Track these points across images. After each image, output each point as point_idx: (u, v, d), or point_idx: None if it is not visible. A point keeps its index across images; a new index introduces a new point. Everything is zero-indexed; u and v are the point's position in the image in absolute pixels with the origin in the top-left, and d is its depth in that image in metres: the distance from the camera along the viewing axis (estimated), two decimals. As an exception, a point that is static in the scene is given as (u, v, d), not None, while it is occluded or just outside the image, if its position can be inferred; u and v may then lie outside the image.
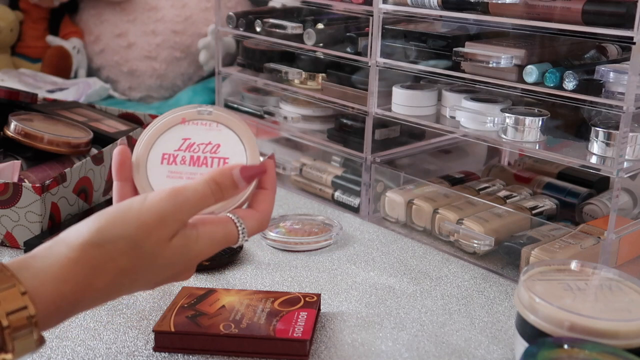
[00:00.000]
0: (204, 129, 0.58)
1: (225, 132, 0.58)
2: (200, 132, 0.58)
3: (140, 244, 0.49)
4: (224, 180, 0.53)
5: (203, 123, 0.59)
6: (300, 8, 1.06)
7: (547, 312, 0.56)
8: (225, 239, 0.54)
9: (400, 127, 1.00)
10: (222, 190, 0.53)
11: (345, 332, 0.67)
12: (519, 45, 0.79)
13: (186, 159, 0.58)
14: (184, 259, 0.52)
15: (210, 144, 0.58)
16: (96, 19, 1.52)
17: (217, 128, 0.58)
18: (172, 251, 0.51)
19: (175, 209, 0.51)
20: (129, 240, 0.49)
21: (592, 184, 0.93)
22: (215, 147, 0.58)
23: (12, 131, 0.89)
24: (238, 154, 0.58)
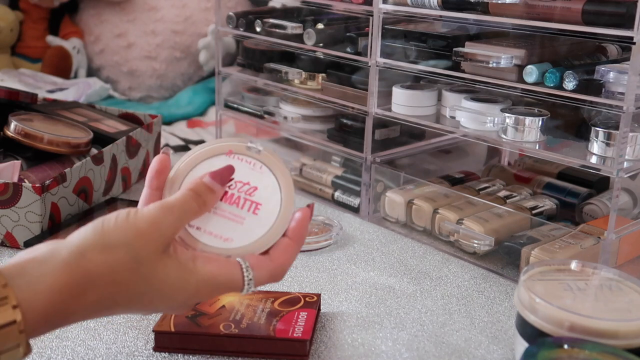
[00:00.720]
0: (247, 167, 0.56)
1: (267, 176, 0.56)
2: (242, 169, 0.56)
3: (138, 255, 0.48)
4: (201, 188, 0.53)
5: (248, 161, 0.57)
6: (300, 8, 1.06)
7: (547, 312, 0.56)
8: (227, 284, 0.52)
9: (400, 127, 1.00)
10: (202, 197, 0.53)
11: (345, 332, 0.67)
12: (519, 45, 0.79)
13: (225, 195, 0.56)
14: (181, 287, 0.50)
15: (249, 184, 0.56)
16: (96, 19, 1.52)
17: (260, 170, 0.56)
18: (169, 272, 0.50)
19: (165, 215, 0.50)
20: (129, 249, 0.48)
21: (592, 184, 0.93)
22: (252, 189, 0.56)
23: (12, 131, 0.89)
24: (273, 202, 0.56)
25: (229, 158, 0.57)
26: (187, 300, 0.51)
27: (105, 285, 0.47)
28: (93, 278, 0.47)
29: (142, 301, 0.49)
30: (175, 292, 0.50)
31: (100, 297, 0.47)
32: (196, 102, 1.44)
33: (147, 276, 0.49)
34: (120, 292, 0.48)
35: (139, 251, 0.48)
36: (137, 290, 0.49)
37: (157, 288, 0.49)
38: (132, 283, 0.48)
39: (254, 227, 0.55)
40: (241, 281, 0.52)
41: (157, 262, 0.49)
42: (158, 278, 0.49)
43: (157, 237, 0.49)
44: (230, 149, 0.57)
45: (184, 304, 0.52)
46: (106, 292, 0.48)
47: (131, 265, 0.48)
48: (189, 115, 1.40)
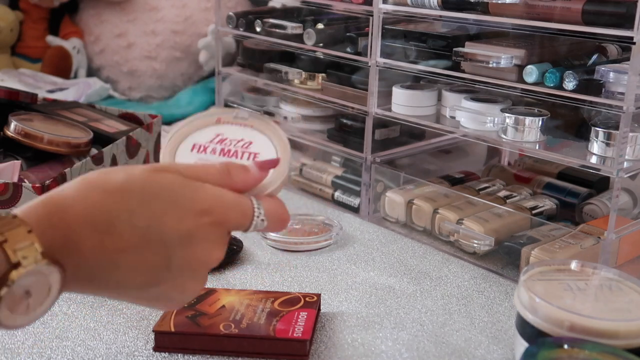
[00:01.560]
0: (239, 128, 0.57)
1: (258, 134, 0.57)
2: (234, 130, 0.57)
3: (129, 168, 0.47)
4: (233, 162, 0.52)
5: (238, 123, 0.58)
6: (300, 8, 1.06)
7: (547, 312, 0.56)
8: (239, 204, 0.49)
9: (400, 127, 1.00)
10: (228, 168, 0.51)
11: (345, 332, 0.67)
12: (519, 45, 0.79)
13: (217, 150, 0.56)
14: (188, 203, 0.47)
15: (243, 140, 0.56)
16: (96, 19, 1.52)
17: (252, 129, 0.57)
18: (166, 181, 0.47)
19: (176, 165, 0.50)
20: (118, 171, 0.47)
21: (592, 184, 0.93)
22: (247, 143, 0.56)
23: (12, 131, 0.89)
24: (269, 150, 0.56)
25: (218, 125, 0.57)
26: (199, 218, 0.47)
27: (96, 191, 0.45)
28: (80, 187, 0.46)
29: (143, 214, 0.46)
30: (179, 202, 0.47)
31: (93, 204, 0.45)
32: (196, 102, 1.44)
33: (142, 185, 0.46)
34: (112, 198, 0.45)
35: (131, 168, 0.47)
36: (133, 200, 0.46)
37: (157, 197, 0.46)
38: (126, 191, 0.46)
39: None
40: (251, 206, 0.50)
41: (152, 174, 0.47)
42: (155, 187, 0.47)
43: (153, 164, 0.49)
44: (219, 117, 0.58)
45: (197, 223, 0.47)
46: (97, 198, 0.45)
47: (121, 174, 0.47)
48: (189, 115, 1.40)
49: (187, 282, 0.49)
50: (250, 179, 0.52)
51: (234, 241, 0.84)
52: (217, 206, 0.48)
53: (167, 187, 0.47)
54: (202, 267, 0.49)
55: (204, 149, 0.56)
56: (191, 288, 0.49)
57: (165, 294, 0.48)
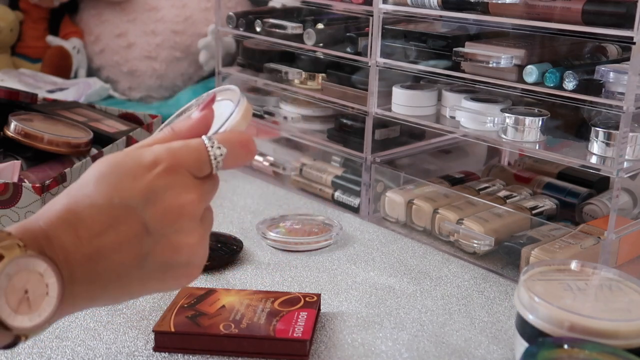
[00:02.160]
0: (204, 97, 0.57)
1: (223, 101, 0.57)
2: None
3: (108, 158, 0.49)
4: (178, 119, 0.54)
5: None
6: (300, 8, 1.06)
7: (547, 312, 0.56)
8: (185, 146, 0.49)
9: (400, 127, 1.00)
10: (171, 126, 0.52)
11: (345, 332, 0.67)
12: (519, 45, 0.79)
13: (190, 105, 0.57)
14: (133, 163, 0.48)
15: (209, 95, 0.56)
16: (96, 19, 1.52)
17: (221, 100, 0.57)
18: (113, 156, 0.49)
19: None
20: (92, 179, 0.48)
21: (592, 184, 0.93)
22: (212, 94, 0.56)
23: (12, 131, 0.89)
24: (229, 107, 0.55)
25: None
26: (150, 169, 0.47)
27: (70, 191, 0.48)
28: (59, 195, 0.48)
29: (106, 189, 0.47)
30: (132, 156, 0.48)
31: (65, 200, 0.47)
32: (196, 102, 1.44)
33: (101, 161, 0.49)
34: (84, 185, 0.48)
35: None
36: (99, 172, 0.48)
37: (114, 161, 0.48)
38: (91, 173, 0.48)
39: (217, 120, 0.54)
40: (201, 143, 0.49)
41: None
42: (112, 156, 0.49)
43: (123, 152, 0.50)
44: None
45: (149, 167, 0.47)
46: (71, 194, 0.47)
47: (91, 167, 0.49)
48: (189, 115, 1.40)
49: (174, 237, 0.48)
50: (193, 123, 0.51)
51: (234, 241, 0.84)
52: (164, 154, 0.48)
53: (113, 161, 0.48)
54: (178, 215, 0.47)
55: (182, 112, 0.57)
56: (183, 242, 0.48)
57: (165, 262, 0.48)
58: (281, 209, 0.98)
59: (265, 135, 1.14)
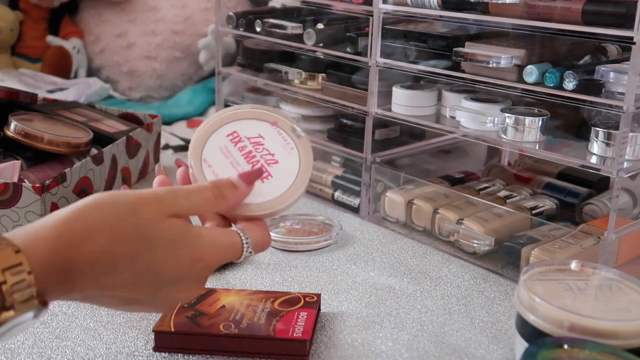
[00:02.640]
0: (281, 143, 0.59)
1: (293, 158, 0.58)
2: (275, 141, 0.59)
3: (138, 211, 0.48)
4: (222, 181, 0.55)
5: (285, 138, 0.59)
6: (300, 8, 1.06)
7: (547, 312, 0.56)
8: (230, 247, 0.53)
9: (400, 127, 1.00)
10: (220, 190, 0.54)
11: (345, 332, 0.67)
12: (519, 45, 0.79)
13: (245, 149, 0.58)
14: (187, 252, 0.50)
15: (273, 156, 0.58)
16: (96, 19, 1.52)
17: (290, 151, 0.58)
18: (172, 231, 0.49)
19: (170, 195, 0.51)
20: (128, 206, 0.48)
21: (592, 184, 0.93)
22: (273, 161, 0.58)
23: (12, 131, 0.89)
24: (283, 181, 0.57)
25: (271, 127, 0.59)
26: (194, 264, 0.50)
27: (104, 235, 0.46)
28: (91, 229, 0.46)
29: (146, 259, 0.48)
30: (180, 250, 0.49)
31: (100, 248, 0.46)
32: (196, 102, 1.44)
33: (149, 232, 0.48)
34: (120, 244, 0.47)
35: (139, 209, 0.48)
36: (139, 246, 0.48)
37: (162, 244, 0.49)
38: (133, 237, 0.47)
39: (256, 194, 0.56)
40: (240, 244, 0.53)
41: (160, 221, 0.49)
42: (161, 232, 0.49)
43: (160, 205, 0.49)
44: (277, 121, 0.59)
45: (190, 268, 0.50)
46: (105, 242, 0.46)
47: (131, 219, 0.48)
48: (189, 115, 1.40)
49: (162, 307, 0.53)
50: (240, 196, 0.55)
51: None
52: (210, 253, 0.52)
53: (170, 237, 0.49)
54: (181, 300, 0.53)
55: (238, 141, 0.58)
56: (161, 309, 0.55)
57: (137, 308, 0.52)
58: (281, 209, 0.98)
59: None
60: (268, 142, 0.58)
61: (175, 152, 1.20)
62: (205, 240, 0.51)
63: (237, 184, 0.55)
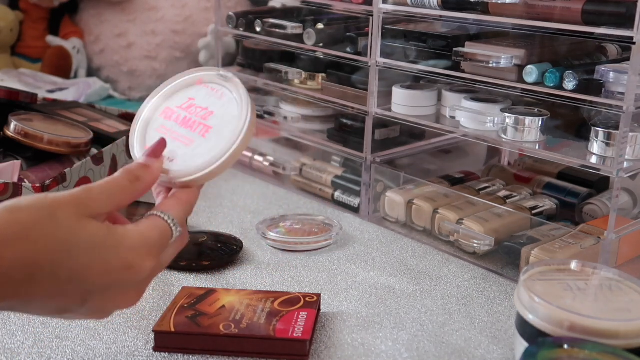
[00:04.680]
0: (210, 94, 0.58)
1: (229, 104, 0.57)
2: (204, 96, 0.58)
3: (54, 214, 0.45)
4: (132, 165, 0.53)
5: (213, 88, 0.58)
6: (300, 8, 1.06)
7: (547, 312, 0.56)
8: (159, 237, 0.51)
9: (400, 127, 1.00)
10: (133, 173, 0.52)
11: (345, 332, 0.67)
12: (519, 45, 0.79)
13: (180, 117, 0.58)
14: (114, 257, 0.47)
15: (206, 109, 0.57)
16: (96, 19, 1.52)
17: (222, 97, 0.57)
18: (92, 232, 0.46)
19: (86, 192, 0.48)
20: (44, 210, 0.45)
21: (592, 184, 0.93)
22: (208, 113, 0.57)
23: (12, 131, 0.89)
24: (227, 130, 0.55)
25: (198, 87, 0.58)
26: (123, 271, 0.48)
27: (20, 241, 0.43)
28: (4, 235, 0.43)
29: (69, 266, 0.45)
30: (104, 255, 0.47)
31: (16, 255, 0.43)
32: (196, 102, 1.44)
33: (68, 233, 0.45)
34: (38, 251, 0.44)
35: (55, 211, 0.45)
36: (59, 250, 0.45)
37: (84, 248, 0.46)
38: (51, 240, 0.44)
39: (199, 151, 0.55)
40: (168, 228, 0.52)
41: (78, 222, 0.46)
42: (82, 236, 0.46)
43: (76, 205, 0.47)
44: (201, 78, 0.58)
45: (125, 271, 0.48)
46: (22, 248, 0.43)
47: (47, 222, 0.45)
48: (189, 115, 1.40)
49: (96, 315, 0.51)
50: (155, 171, 0.54)
51: (234, 241, 0.84)
52: (140, 255, 0.49)
53: (91, 241, 0.47)
54: (114, 308, 0.52)
55: (170, 116, 0.58)
56: (96, 317, 0.52)
57: (68, 316, 0.50)
58: (281, 209, 0.98)
59: (265, 135, 1.14)
60: (199, 100, 0.58)
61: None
62: (130, 241, 0.49)
63: (147, 162, 0.53)
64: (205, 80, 0.58)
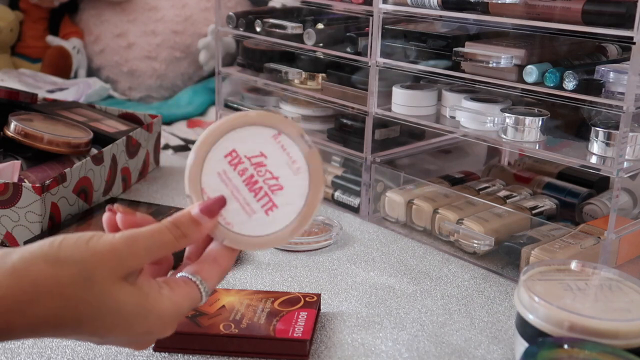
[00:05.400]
0: (285, 161, 0.52)
1: (301, 180, 0.52)
2: (279, 160, 0.52)
3: (90, 273, 0.45)
4: (182, 219, 0.50)
5: (290, 154, 0.52)
6: (300, 8, 1.06)
7: (547, 312, 0.56)
8: (190, 306, 0.50)
9: (400, 127, 1.00)
10: (181, 229, 0.49)
11: (345, 332, 0.67)
12: (519, 45, 0.79)
13: (245, 173, 0.52)
14: (138, 326, 0.47)
15: (277, 180, 0.52)
16: (96, 19, 1.52)
17: (297, 170, 0.52)
18: (125, 300, 0.46)
19: (128, 244, 0.47)
20: (82, 267, 0.45)
21: (592, 184, 0.93)
22: (278, 187, 0.52)
23: (12, 131, 0.89)
24: (289, 211, 0.52)
25: (273, 140, 0.51)
26: (143, 336, 0.48)
27: (52, 298, 0.44)
28: (39, 288, 0.43)
29: (94, 325, 0.46)
30: (130, 321, 0.47)
31: (46, 311, 0.44)
32: (196, 102, 1.44)
33: (100, 298, 0.45)
34: (68, 309, 0.44)
35: (92, 270, 0.45)
36: (88, 312, 0.45)
37: (112, 313, 0.46)
38: (82, 302, 0.45)
39: (257, 224, 0.52)
40: (198, 295, 0.50)
41: (113, 285, 0.46)
42: (113, 302, 0.46)
43: (115, 263, 0.46)
44: (280, 132, 0.51)
45: (144, 335, 0.49)
46: (53, 305, 0.44)
47: (82, 283, 0.45)
48: (189, 115, 1.40)
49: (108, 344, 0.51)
50: (204, 230, 0.51)
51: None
52: (162, 327, 0.49)
53: (121, 308, 0.46)
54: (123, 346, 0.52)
55: (237, 163, 0.52)
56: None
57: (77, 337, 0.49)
58: (281, 209, 0.97)
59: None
60: (271, 162, 0.51)
61: (175, 152, 1.20)
62: (160, 312, 0.48)
63: (199, 219, 0.50)
64: (285, 136, 0.51)
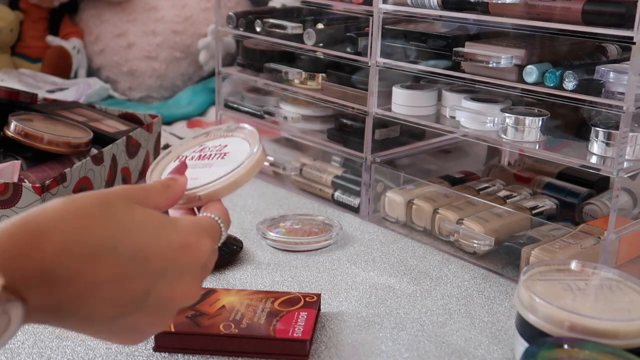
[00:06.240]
0: (219, 140, 0.62)
1: (238, 140, 0.61)
2: (216, 140, 0.62)
3: (109, 198, 0.45)
4: (163, 180, 0.55)
5: (222, 134, 0.63)
6: (300, 8, 1.06)
7: (547, 312, 0.56)
8: (211, 228, 0.52)
9: (400, 127, 1.00)
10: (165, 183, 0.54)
11: (345, 332, 0.67)
12: (519, 45, 0.79)
13: (195, 157, 0.61)
14: (173, 235, 0.47)
15: (220, 145, 0.61)
16: (96, 19, 1.52)
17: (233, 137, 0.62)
18: (150, 214, 0.47)
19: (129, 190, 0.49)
20: (97, 196, 0.45)
21: (592, 184, 0.93)
22: (223, 146, 0.60)
23: (12, 131, 0.89)
24: (240, 152, 0.59)
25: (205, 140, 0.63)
26: (182, 250, 0.47)
27: (80, 219, 0.42)
28: (57, 215, 0.42)
29: (129, 243, 0.44)
30: (164, 231, 0.47)
31: (78, 231, 0.42)
32: (196, 102, 1.44)
33: (126, 215, 0.45)
34: (100, 226, 0.43)
35: (108, 199, 0.45)
36: (118, 230, 0.44)
37: (142, 227, 0.45)
38: (111, 221, 0.44)
39: (219, 169, 0.58)
40: (217, 224, 0.53)
41: (133, 207, 0.46)
42: (139, 216, 0.46)
43: (128, 196, 0.48)
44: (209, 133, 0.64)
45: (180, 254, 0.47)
46: (82, 225, 0.42)
47: (104, 206, 0.44)
48: (189, 115, 1.40)
49: (158, 317, 0.48)
50: (180, 185, 0.55)
51: (234, 241, 0.84)
52: (197, 236, 0.49)
53: (148, 221, 0.46)
54: (177, 304, 0.48)
55: (185, 157, 0.61)
56: (158, 324, 0.48)
57: (132, 327, 0.46)
58: (281, 209, 0.98)
59: (265, 135, 1.14)
60: (210, 144, 0.62)
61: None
62: (185, 225, 0.49)
63: (173, 176, 0.56)
64: (213, 135, 0.63)
